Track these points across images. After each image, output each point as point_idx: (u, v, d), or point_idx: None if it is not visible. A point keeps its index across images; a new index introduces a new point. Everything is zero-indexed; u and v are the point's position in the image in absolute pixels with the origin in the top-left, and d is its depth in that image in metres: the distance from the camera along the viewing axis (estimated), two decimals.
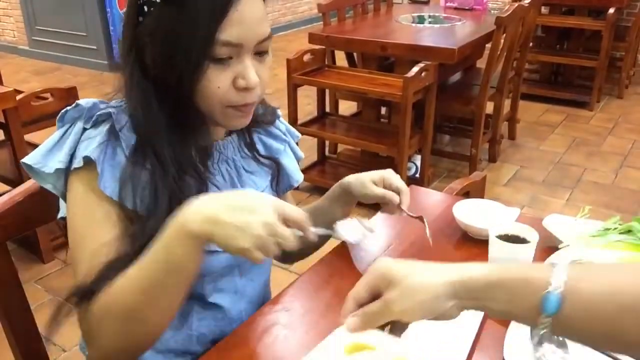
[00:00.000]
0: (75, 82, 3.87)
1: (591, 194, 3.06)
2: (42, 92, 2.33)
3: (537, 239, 0.98)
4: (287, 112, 2.96)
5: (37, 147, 0.84)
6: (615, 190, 3.11)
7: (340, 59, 3.39)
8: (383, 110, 3.43)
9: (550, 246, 1.06)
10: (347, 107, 3.78)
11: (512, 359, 0.80)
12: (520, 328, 0.85)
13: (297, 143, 1.11)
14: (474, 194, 1.42)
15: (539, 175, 3.29)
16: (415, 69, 2.59)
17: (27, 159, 0.83)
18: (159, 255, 0.72)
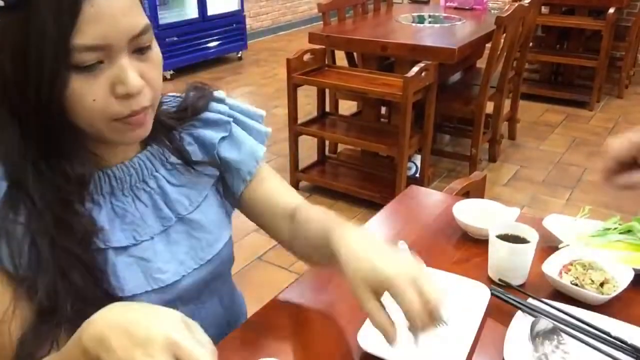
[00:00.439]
0: None
1: (591, 194, 3.06)
2: None
3: (537, 239, 0.98)
4: (287, 112, 2.97)
5: None
6: (615, 190, 3.10)
7: (340, 58, 3.39)
8: (383, 110, 3.43)
9: (550, 246, 1.06)
10: (347, 107, 3.78)
11: (512, 359, 0.80)
12: (520, 328, 0.86)
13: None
14: (474, 194, 1.42)
15: (539, 175, 3.29)
16: (415, 69, 2.59)
17: None
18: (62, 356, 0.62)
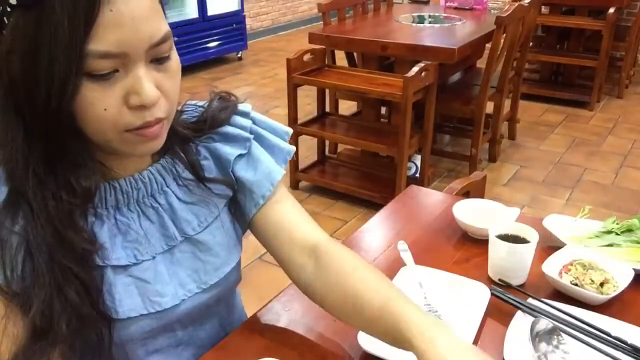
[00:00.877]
0: None
1: (591, 194, 3.06)
2: None
3: (537, 239, 0.98)
4: (287, 112, 2.97)
5: None
6: (615, 190, 3.11)
7: (340, 58, 3.39)
8: (383, 110, 3.43)
9: (550, 246, 1.06)
10: (347, 107, 3.78)
11: (512, 359, 0.80)
12: (520, 328, 0.85)
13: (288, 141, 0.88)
14: (474, 194, 1.42)
15: (539, 175, 3.29)
16: (415, 69, 2.59)
17: None
18: None
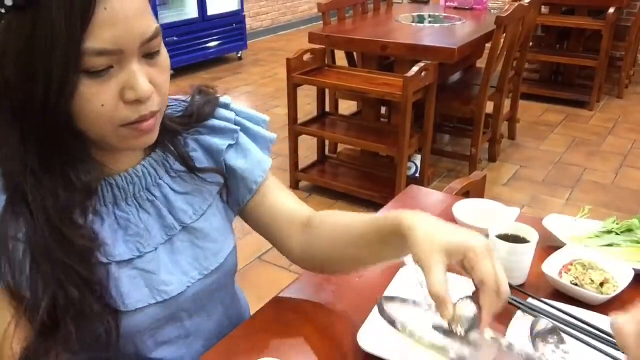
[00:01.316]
0: None
1: (591, 194, 3.06)
2: None
3: (537, 239, 0.98)
4: (287, 112, 2.97)
5: None
6: (615, 190, 3.11)
7: (340, 58, 3.39)
8: (383, 110, 3.43)
9: (550, 246, 1.06)
10: (347, 107, 3.78)
11: None
12: (520, 328, 0.85)
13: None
14: (474, 194, 1.42)
15: (539, 175, 3.29)
16: (415, 69, 2.59)
17: None
18: None
